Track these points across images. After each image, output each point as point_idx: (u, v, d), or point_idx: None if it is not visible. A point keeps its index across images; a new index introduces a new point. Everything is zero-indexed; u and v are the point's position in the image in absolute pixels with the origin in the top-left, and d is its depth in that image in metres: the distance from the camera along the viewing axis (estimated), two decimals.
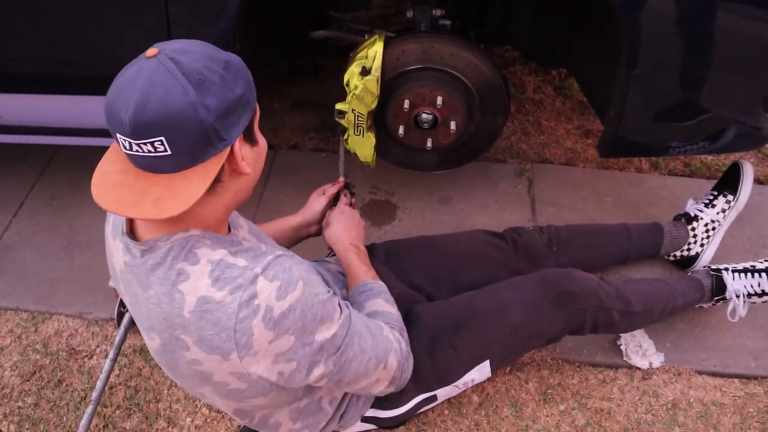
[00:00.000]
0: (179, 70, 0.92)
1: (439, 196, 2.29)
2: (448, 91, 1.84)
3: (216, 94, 0.94)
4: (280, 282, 1.03)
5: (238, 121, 0.99)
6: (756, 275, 1.74)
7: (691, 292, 1.74)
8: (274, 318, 1.02)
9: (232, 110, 0.97)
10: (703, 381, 1.75)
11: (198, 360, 1.07)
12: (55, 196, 2.32)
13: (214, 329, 1.02)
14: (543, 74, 2.79)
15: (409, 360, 1.34)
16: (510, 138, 2.51)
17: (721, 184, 1.97)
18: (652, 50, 1.57)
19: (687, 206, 1.98)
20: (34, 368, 1.81)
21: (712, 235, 1.93)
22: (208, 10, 1.63)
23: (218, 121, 0.95)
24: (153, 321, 1.08)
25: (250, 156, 1.06)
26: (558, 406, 1.69)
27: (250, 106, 1.02)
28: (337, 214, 1.61)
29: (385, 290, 1.43)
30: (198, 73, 0.93)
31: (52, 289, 2.01)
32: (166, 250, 1.04)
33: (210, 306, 1.01)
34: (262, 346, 1.04)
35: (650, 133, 1.76)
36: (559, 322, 1.51)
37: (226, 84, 0.96)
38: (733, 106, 1.69)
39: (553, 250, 1.82)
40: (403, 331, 1.36)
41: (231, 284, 1.01)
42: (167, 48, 0.95)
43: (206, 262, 1.03)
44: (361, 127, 1.82)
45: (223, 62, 0.97)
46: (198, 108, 0.92)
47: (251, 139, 1.06)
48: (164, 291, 1.04)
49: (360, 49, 1.83)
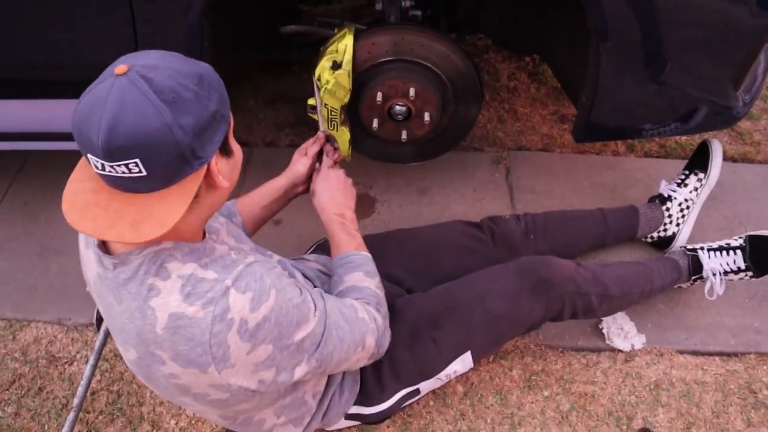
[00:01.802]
0: (151, 89, 0.89)
1: (417, 187, 2.28)
2: (420, 83, 1.83)
3: (191, 112, 0.91)
4: (253, 293, 1.01)
5: (213, 137, 0.97)
6: (731, 252, 1.76)
7: (668, 273, 1.76)
8: (249, 330, 1.01)
9: (207, 127, 0.95)
10: (685, 360, 1.76)
11: (175, 374, 1.06)
12: (28, 201, 2.29)
13: (189, 344, 1.00)
14: (517, 61, 2.79)
15: (386, 334, 1.33)
16: (486, 126, 2.51)
17: (691, 163, 1.99)
18: (620, 31, 1.57)
19: (660, 187, 1.99)
20: (13, 377, 1.79)
21: (686, 213, 1.95)
22: (175, 6, 1.60)
23: (194, 140, 0.93)
24: (127, 335, 1.06)
25: (226, 168, 1.04)
26: (542, 392, 1.70)
27: (225, 120, 0.99)
28: (320, 181, 1.56)
29: (366, 261, 1.41)
30: (171, 91, 0.90)
31: (29, 296, 1.99)
32: (138, 264, 1.02)
33: (183, 322, 1.00)
34: (239, 358, 1.03)
35: (623, 116, 1.77)
36: (539, 310, 1.52)
37: (200, 101, 0.93)
38: (702, 86, 1.69)
39: (530, 237, 1.82)
40: (380, 305, 1.33)
41: (202, 299, 0.99)
42: (137, 64, 0.91)
43: (176, 277, 1.01)
44: (334, 122, 1.81)
45: (196, 77, 0.94)
46: (173, 129, 0.90)
47: (227, 151, 1.03)
48: (136, 306, 1.02)
49: (330, 43, 1.81)
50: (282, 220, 2.13)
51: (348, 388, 1.43)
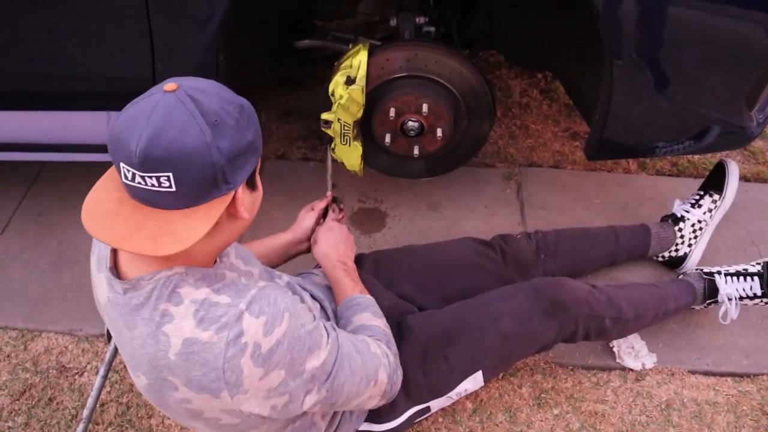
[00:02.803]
0: (198, 109, 0.92)
1: (428, 203, 2.29)
2: (433, 99, 1.84)
3: (230, 137, 0.94)
4: (266, 317, 1.01)
5: (244, 165, 0.99)
6: (748, 278, 1.74)
7: (683, 296, 1.74)
8: (262, 354, 1.00)
9: (241, 155, 0.97)
10: (697, 380, 1.75)
11: (187, 399, 1.05)
12: (42, 212, 2.30)
13: (202, 370, 1.00)
14: (529, 77, 2.80)
15: (398, 372, 1.33)
16: (498, 142, 2.52)
17: (707, 183, 1.98)
18: (634, 49, 1.57)
19: (674, 207, 1.98)
20: (23, 387, 1.79)
21: (699, 235, 1.94)
22: (193, 21, 1.61)
23: (228, 165, 0.95)
24: (138, 361, 1.06)
25: (249, 201, 1.05)
26: (552, 410, 1.69)
27: (257, 153, 1.02)
28: (325, 231, 1.59)
29: (372, 303, 1.42)
30: (215, 115, 0.93)
31: (41, 306, 2.00)
32: (150, 290, 1.02)
33: (196, 347, 0.99)
34: (252, 383, 1.02)
35: (636, 134, 1.77)
36: (551, 331, 1.52)
37: (239, 128, 0.96)
38: (716, 105, 1.69)
39: (541, 257, 1.81)
40: (390, 343, 1.34)
41: (216, 323, 0.99)
42: (185, 84, 0.94)
43: (189, 302, 1.01)
44: (347, 137, 1.82)
45: (238, 106, 0.97)
46: (212, 149, 0.92)
47: (252, 185, 1.05)
48: (149, 333, 1.02)
49: (344, 58, 1.83)
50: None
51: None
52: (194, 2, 1.58)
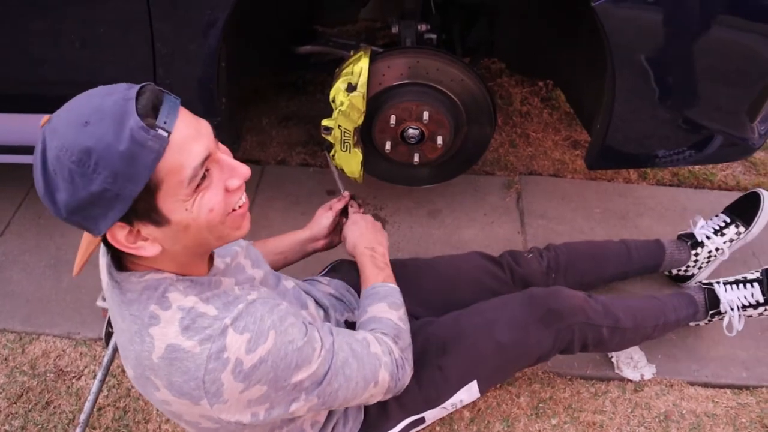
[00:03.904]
0: (41, 154, 0.88)
1: (428, 210, 2.28)
2: (434, 106, 1.84)
3: (65, 190, 0.88)
4: (250, 334, 1.00)
5: (105, 213, 0.90)
6: (748, 285, 1.72)
7: (682, 307, 1.72)
8: (244, 371, 1.00)
9: (90, 205, 0.89)
10: (696, 392, 1.74)
11: (168, 401, 1.05)
12: (41, 215, 2.30)
13: (183, 377, 1.00)
14: (530, 86, 2.80)
15: (405, 367, 1.31)
16: (498, 150, 2.52)
17: (737, 210, 1.92)
18: (636, 59, 1.57)
19: (696, 227, 1.92)
20: (21, 390, 1.79)
21: (712, 261, 1.91)
22: (195, 26, 1.61)
23: (73, 215, 0.90)
24: (126, 353, 1.07)
25: (161, 234, 0.97)
26: (550, 420, 1.68)
27: (121, 199, 0.89)
28: (350, 225, 1.59)
29: (392, 292, 1.40)
30: (52, 165, 0.87)
31: (40, 309, 1.99)
32: (141, 289, 1.02)
33: (179, 354, 0.99)
34: (232, 395, 1.02)
35: (637, 144, 1.77)
36: (547, 341, 1.50)
37: (74, 181, 0.86)
38: (717, 117, 1.69)
39: (551, 276, 1.80)
40: (398, 338, 1.32)
41: (200, 334, 0.99)
42: (54, 118, 0.90)
43: (177, 308, 1.01)
44: (347, 143, 1.82)
45: (77, 153, 0.85)
46: (46, 201, 0.90)
47: (156, 221, 0.95)
48: (135, 330, 1.02)
49: (345, 65, 1.83)
50: None
51: (352, 416, 1.41)
52: (196, 7, 1.58)
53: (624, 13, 1.50)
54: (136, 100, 0.89)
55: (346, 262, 1.74)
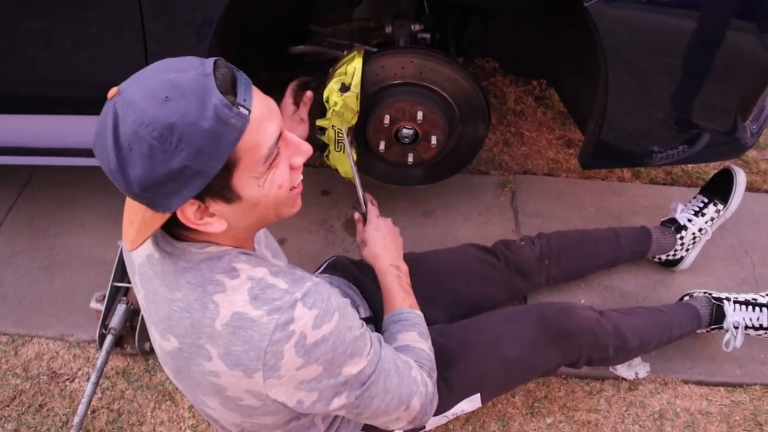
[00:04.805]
0: (113, 130, 0.86)
1: (423, 210, 2.28)
2: (428, 106, 1.84)
3: (141, 165, 0.87)
4: (318, 311, 1.00)
5: (180, 190, 0.90)
6: (757, 309, 1.73)
7: (687, 323, 1.74)
8: (306, 346, 0.99)
9: (165, 182, 0.88)
10: (690, 390, 1.75)
11: (216, 372, 1.03)
12: (34, 216, 2.29)
13: (244, 347, 0.99)
14: (524, 85, 2.80)
15: (433, 403, 1.28)
16: (492, 149, 2.52)
17: (711, 190, 1.98)
18: (629, 59, 1.58)
19: (677, 212, 1.98)
20: (14, 393, 1.78)
21: (698, 241, 1.96)
22: (187, 26, 1.60)
23: (145, 192, 0.89)
24: (174, 323, 1.04)
25: (229, 211, 0.99)
26: (545, 419, 1.69)
27: (201, 175, 0.89)
28: (372, 231, 1.54)
29: (420, 321, 1.37)
30: (127, 139, 0.86)
31: (33, 311, 1.98)
32: (200, 260, 1.01)
33: (244, 323, 0.98)
34: (288, 371, 1.01)
35: (630, 143, 1.77)
36: (554, 359, 1.51)
37: (153, 156, 0.86)
38: (710, 116, 1.70)
39: (545, 263, 1.82)
40: (432, 372, 1.30)
41: (269, 305, 0.98)
42: (125, 90, 0.88)
43: (246, 278, 1.01)
44: (341, 144, 1.82)
45: (159, 128, 0.85)
46: (115, 177, 0.89)
47: (227, 198, 0.97)
48: (195, 297, 1.01)
49: (339, 65, 1.82)
50: (286, 239, 2.13)
51: None
52: (189, 7, 1.57)
53: (617, 13, 1.50)
54: (213, 75, 0.89)
55: (344, 259, 1.73)
